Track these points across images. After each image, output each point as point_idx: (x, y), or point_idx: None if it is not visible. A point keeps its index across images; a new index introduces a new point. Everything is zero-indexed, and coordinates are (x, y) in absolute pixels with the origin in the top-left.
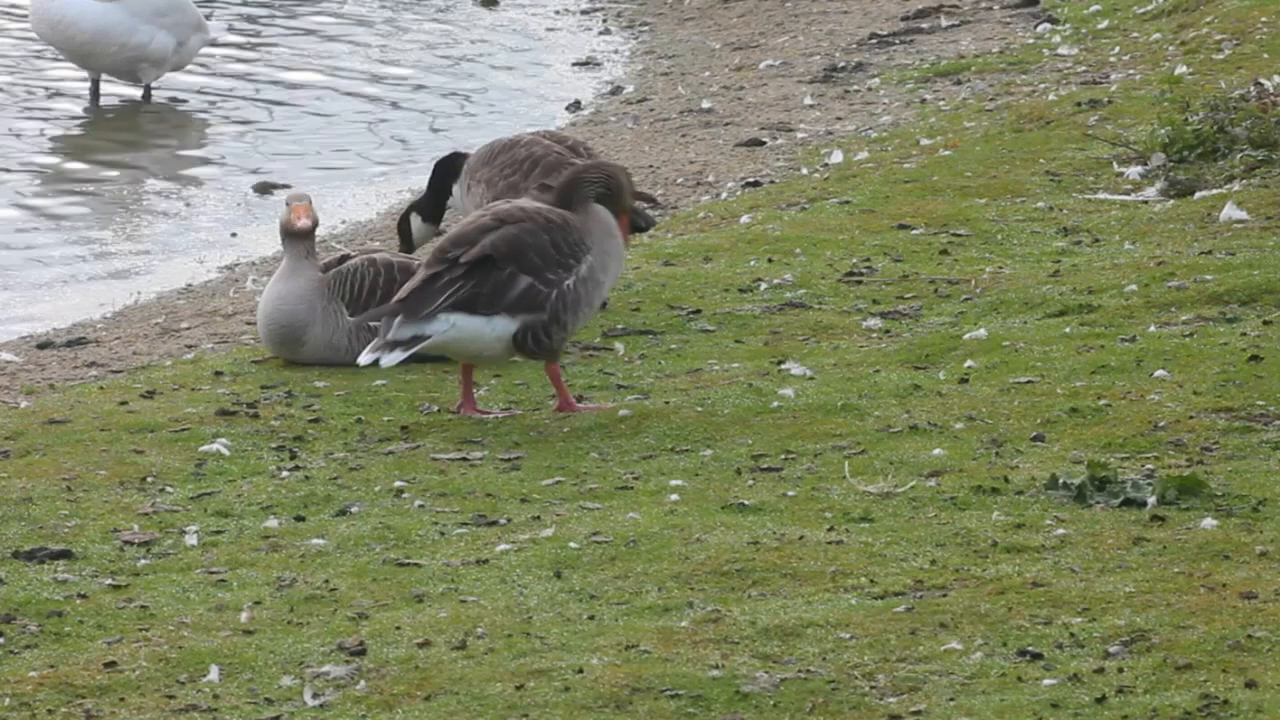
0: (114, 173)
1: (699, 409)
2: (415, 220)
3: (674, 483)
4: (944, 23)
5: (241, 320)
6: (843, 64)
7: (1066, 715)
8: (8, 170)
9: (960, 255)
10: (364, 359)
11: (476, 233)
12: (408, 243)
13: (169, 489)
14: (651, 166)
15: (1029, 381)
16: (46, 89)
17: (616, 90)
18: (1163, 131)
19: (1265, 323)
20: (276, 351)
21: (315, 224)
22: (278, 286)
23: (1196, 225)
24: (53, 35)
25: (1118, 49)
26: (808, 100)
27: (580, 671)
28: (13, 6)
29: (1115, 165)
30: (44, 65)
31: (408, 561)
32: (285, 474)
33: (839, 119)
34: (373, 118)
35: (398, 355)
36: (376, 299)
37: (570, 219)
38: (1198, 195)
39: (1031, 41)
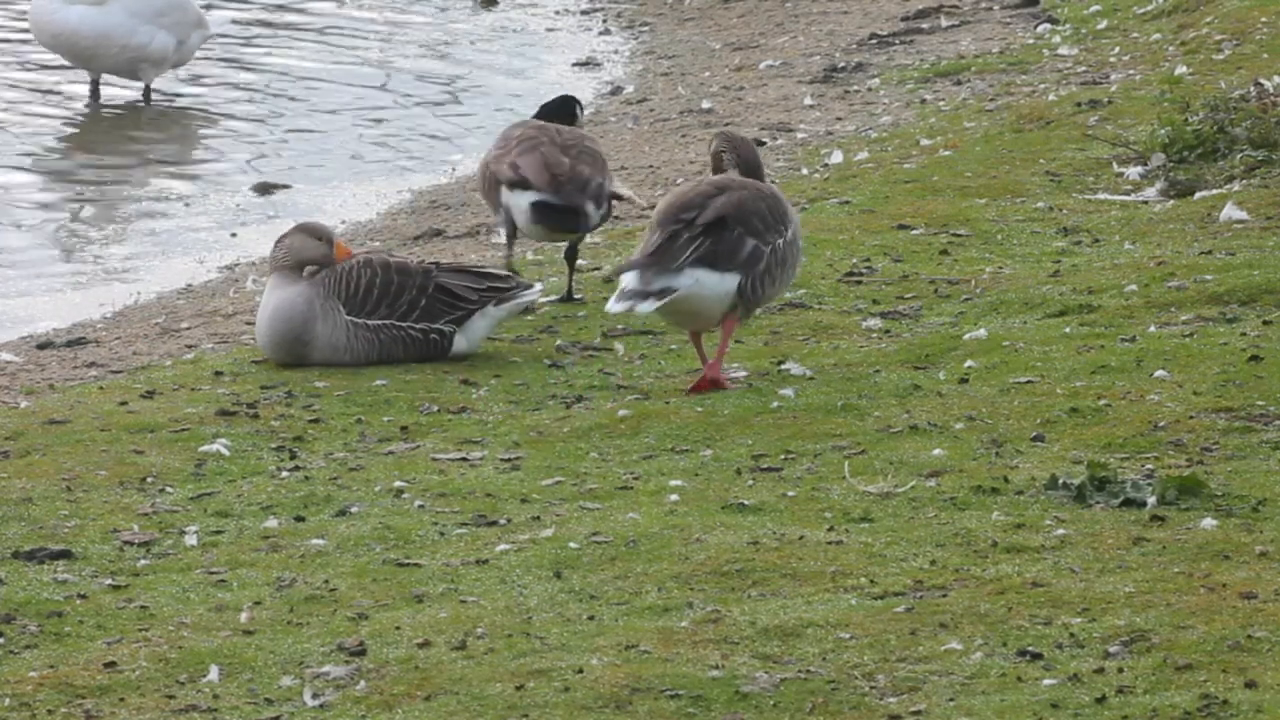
0: (114, 172)
1: (699, 409)
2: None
3: (674, 483)
4: (944, 23)
5: (241, 320)
6: (843, 64)
7: (1066, 715)
8: (7, 170)
9: (960, 255)
10: (617, 307)
11: (701, 198)
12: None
13: (169, 489)
14: (651, 167)
15: (1029, 381)
16: (46, 88)
17: (616, 90)
18: (1163, 132)
19: (1265, 323)
20: (283, 358)
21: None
22: (275, 295)
23: (1196, 225)
24: (55, 44)
25: (1118, 49)
26: (808, 100)
27: (580, 671)
28: (10, 5)
29: (1115, 165)
30: (44, 65)
31: (408, 561)
32: (285, 474)
33: (839, 119)
34: (372, 118)
35: (651, 304)
36: (374, 298)
37: (776, 191)
38: (1198, 195)
39: (1031, 42)
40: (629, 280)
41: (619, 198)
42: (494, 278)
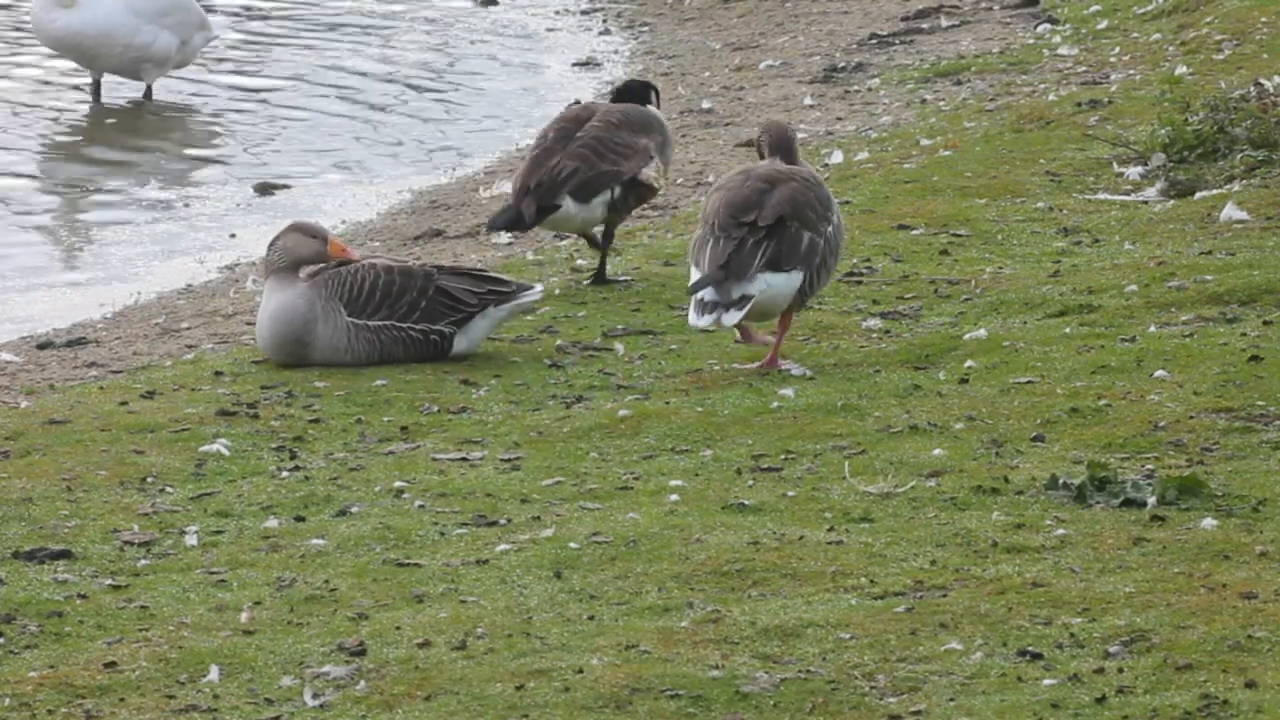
0: (114, 172)
1: (699, 409)
2: None
3: (674, 483)
4: (944, 23)
5: (241, 320)
6: (843, 64)
7: (1066, 715)
8: (8, 169)
9: (960, 255)
10: (701, 321)
11: (758, 195)
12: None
13: (169, 489)
14: None
15: (1029, 381)
16: (47, 88)
17: None
18: (1163, 132)
19: (1265, 323)
20: (284, 359)
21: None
22: (275, 296)
23: (1196, 225)
24: (59, 46)
25: (1118, 49)
26: (808, 100)
27: (580, 671)
28: (11, 5)
29: (1115, 165)
30: (44, 64)
31: (408, 561)
32: (285, 474)
33: (839, 119)
34: (373, 118)
35: (734, 315)
36: (375, 301)
37: (816, 176)
38: (1198, 195)
39: (1031, 42)
40: (708, 294)
41: (641, 183)
42: (494, 280)
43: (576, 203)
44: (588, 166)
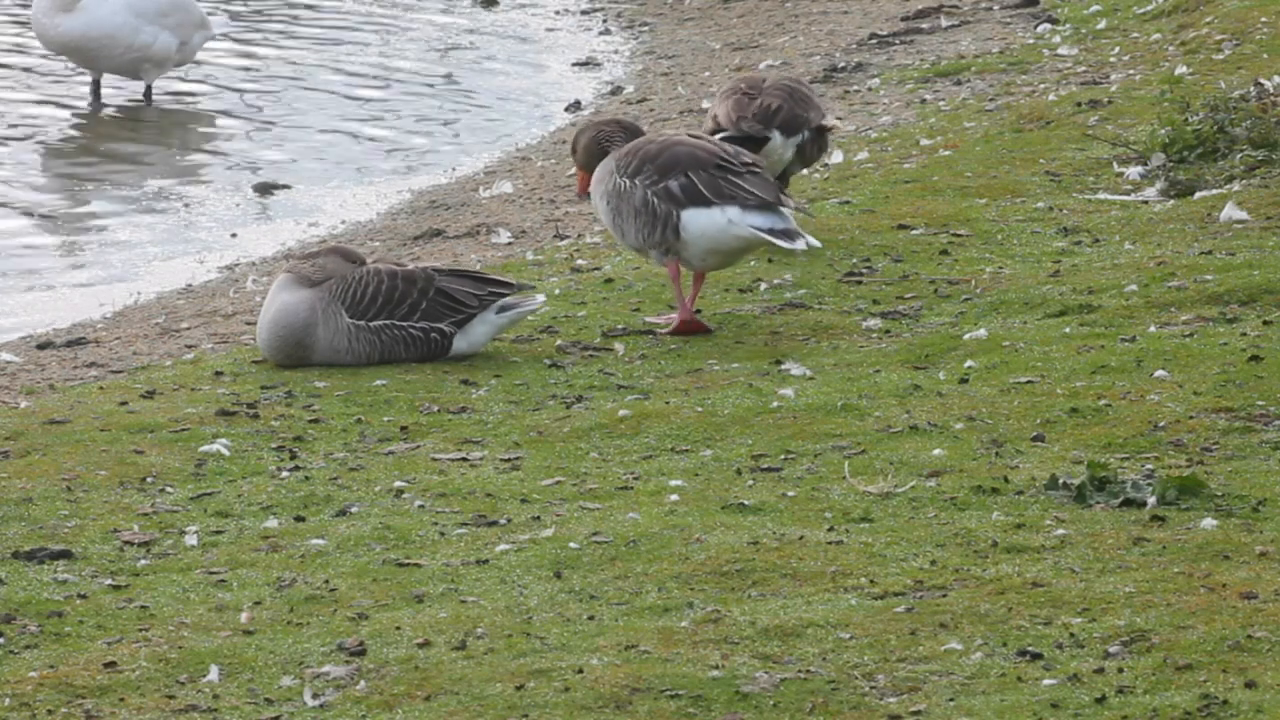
0: (114, 172)
1: (699, 409)
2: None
3: (674, 483)
4: (944, 23)
5: (241, 320)
6: (843, 64)
7: (1066, 715)
8: (8, 169)
9: (960, 255)
10: (799, 245)
11: None
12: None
13: (169, 489)
14: None
15: (1029, 381)
16: (47, 88)
17: (616, 90)
18: (1163, 132)
19: (1265, 323)
20: (284, 361)
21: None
22: (278, 299)
23: (1196, 225)
24: (59, 48)
25: (1118, 49)
26: None
27: (580, 671)
28: (12, 6)
29: (1115, 165)
30: (45, 64)
31: (408, 561)
32: (285, 474)
33: (839, 119)
34: (373, 118)
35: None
36: (378, 305)
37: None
38: (1198, 195)
39: (1031, 41)
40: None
41: (826, 129)
42: (495, 283)
43: (784, 137)
44: (791, 105)
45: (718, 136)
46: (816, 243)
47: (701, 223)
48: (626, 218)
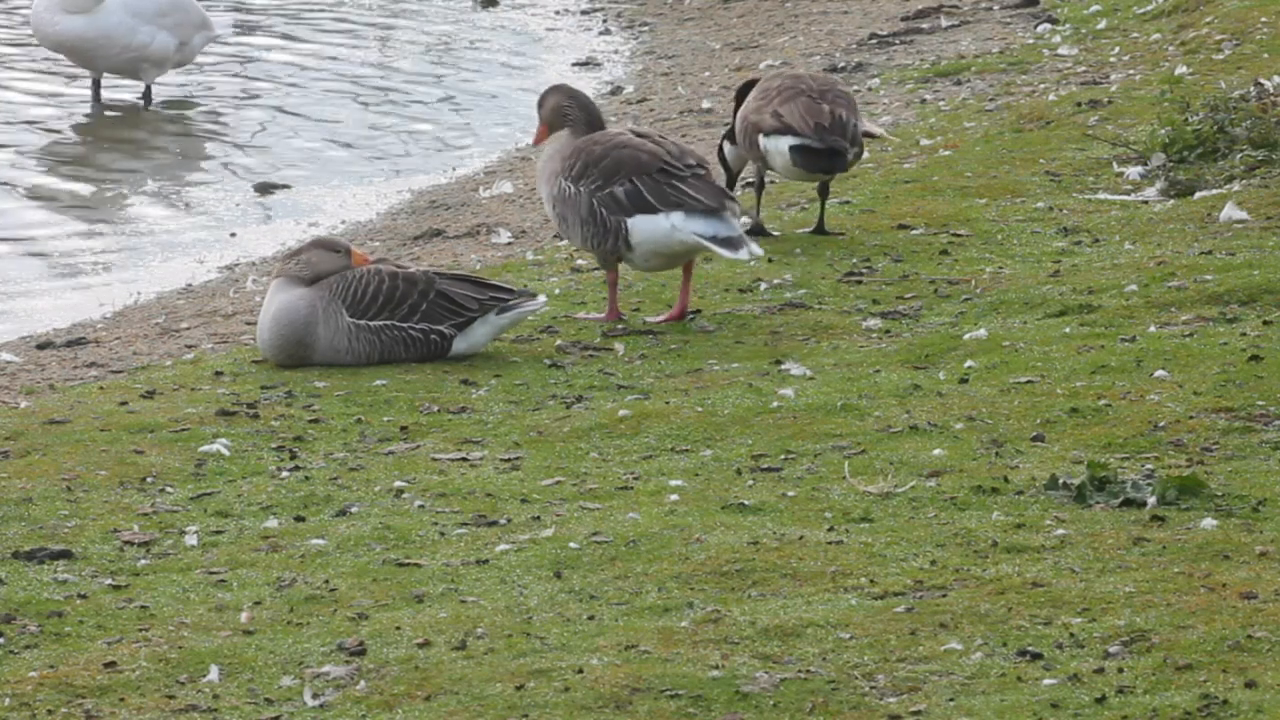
0: (114, 172)
1: (699, 409)
2: (726, 146)
3: (674, 483)
4: (944, 23)
5: (241, 320)
6: (843, 64)
7: (1066, 715)
8: (8, 169)
9: (960, 255)
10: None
11: None
12: (728, 169)
13: (169, 489)
14: None
15: (1029, 381)
16: (47, 88)
17: (616, 90)
18: (1163, 131)
19: (1265, 323)
20: (284, 361)
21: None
22: (278, 298)
23: (1196, 225)
24: (59, 47)
25: (1118, 49)
26: None
27: (580, 671)
28: (11, 5)
29: (1115, 165)
30: (45, 64)
31: (408, 561)
32: (285, 474)
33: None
34: (373, 118)
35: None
36: (379, 305)
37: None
38: (1198, 195)
39: (1031, 41)
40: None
41: (871, 136)
42: (496, 287)
43: (853, 150)
44: (852, 114)
45: (790, 142)
46: (759, 250)
47: (647, 229)
48: (573, 225)
